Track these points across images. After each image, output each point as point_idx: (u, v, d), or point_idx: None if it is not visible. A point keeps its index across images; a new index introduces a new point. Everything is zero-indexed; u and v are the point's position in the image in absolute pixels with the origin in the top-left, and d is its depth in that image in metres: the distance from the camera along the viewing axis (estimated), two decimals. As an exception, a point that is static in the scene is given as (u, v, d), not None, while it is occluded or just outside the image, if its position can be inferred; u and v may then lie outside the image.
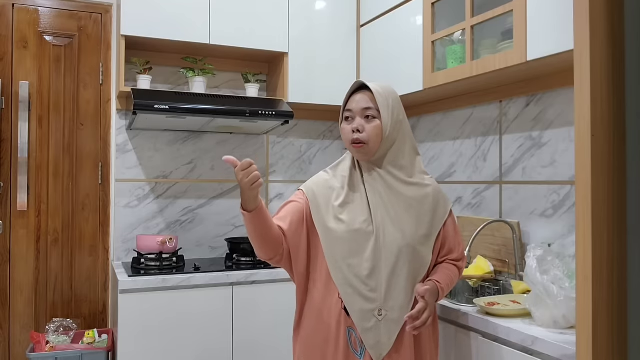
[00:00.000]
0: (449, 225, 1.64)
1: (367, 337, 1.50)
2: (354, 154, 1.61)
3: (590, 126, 1.13)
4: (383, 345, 1.51)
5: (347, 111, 1.60)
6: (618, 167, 1.17)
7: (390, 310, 1.51)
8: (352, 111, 1.58)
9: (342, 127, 1.61)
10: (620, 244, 1.18)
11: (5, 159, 2.62)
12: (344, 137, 1.61)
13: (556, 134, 2.06)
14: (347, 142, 1.59)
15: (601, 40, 1.14)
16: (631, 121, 1.18)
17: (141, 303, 2.29)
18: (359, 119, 1.56)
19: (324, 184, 1.61)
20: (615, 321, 1.16)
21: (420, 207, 1.57)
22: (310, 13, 2.85)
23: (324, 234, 1.54)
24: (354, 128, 1.55)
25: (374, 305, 1.51)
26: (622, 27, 1.18)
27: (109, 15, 2.81)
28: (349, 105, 1.60)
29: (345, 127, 1.59)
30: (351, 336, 1.52)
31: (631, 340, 1.18)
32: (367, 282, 1.50)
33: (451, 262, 1.65)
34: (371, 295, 1.50)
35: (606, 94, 1.15)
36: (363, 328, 1.50)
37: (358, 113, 1.57)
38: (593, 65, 1.14)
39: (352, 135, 1.56)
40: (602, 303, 1.14)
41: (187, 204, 2.91)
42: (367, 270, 1.50)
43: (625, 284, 1.18)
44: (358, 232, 1.52)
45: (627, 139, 1.19)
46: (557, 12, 1.71)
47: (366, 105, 1.56)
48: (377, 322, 1.51)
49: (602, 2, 1.14)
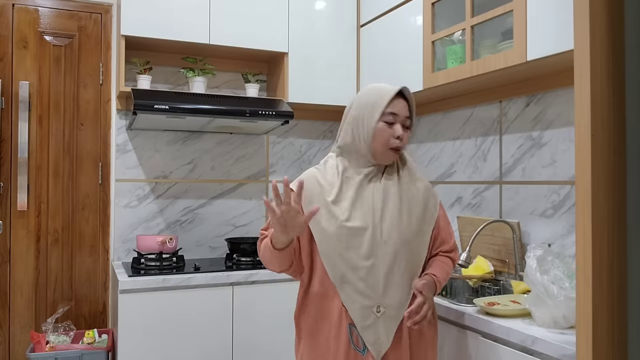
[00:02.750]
0: (440, 217, 1.67)
1: (367, 334, 1.51)
2: (384, 158, 1.57)
3: (590, 126, 1.13)
4: (382, 342, 1.51)
5: (391, 115, 1.55)
6: (618, 167, 1.17)
7: (388, 306, 1.52)
8: (397, 115, 1.56)
9: (380, 128, 1.55)
10: (620, 244, 1.18)
11: (5, 159, 2.62)
12: (381, 139, 1.55)
13: (556, 134, 2.06)
14: (384, 145, 1.55)
15: (601, 40, 1.14)
16: (631, 121, 1.19)
17: (141, 303, 2.29)
18: (399, 126, 1.56)
19: (314, 180, 1.58)
20: (615, 321, 1.16)
21: (415, 203, 1.59)
22: (310, 13, 2.85)
23: (318, 233, 1.53)
24: (400, 135, 1.55)
25: (372, 302, 1.51)
26: (622, 27, 1.18)
27: (109, 15, 2.81)
28: (394, 109, 1.56)
29: (387, 129, 1.55)
30: (353, 333, 1.52)
31: (631, 340, 1.18)
32: (365, 279, 1.50)
33: (444, 254, 1.68)
34: (369, 293, 1.51)
35: (606, 94, 1.15)
36: (362, 325, 1.51)
37: (401, 120, 1.57)
38: (593, 65, 1.14)
39: (394, 140, 1.55)
40: (602, 303, 1.14)
41: (187, 204, 2.91)
42: (364, 268, 1.51)
43: (625, 284, 1.18)
44: (352, 229, 1.51)
45: (627, 139, 1.19)
46: (557, 12, 1.71)
47: (407, 114, 1.58)
48: (376, 318, 1.51)
49: (602, 2, 1.14)
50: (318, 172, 1.61)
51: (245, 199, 3.03)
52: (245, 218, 3.03)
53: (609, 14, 1.15)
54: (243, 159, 3.04)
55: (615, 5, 1.16)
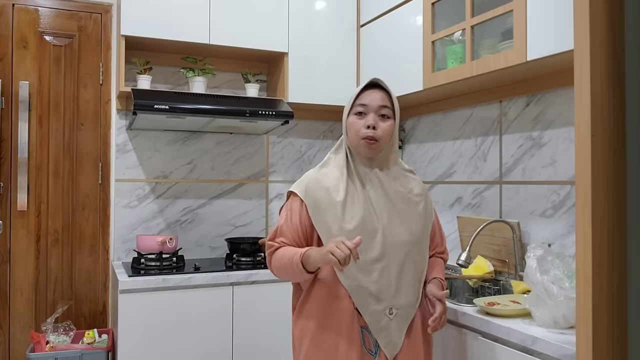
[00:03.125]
0: (435, 218, 1.69)
1: (381, 336, 1.50)
2: (361, 150, 1.55)
3: (590, 126, 1.13)
4: (395, 342, 1.51)
5: (360, 106, 1.53)
6: (618, 167, 1.17)
7: (401, 307, 1.52)
8: (366, 106, 1.53)
9: (350, 122, 1.54)
10: (620, 244, 1.18)
11: (5, 159, 2.62)
12: (352, 132, 1.54)
13: (556, 134, 2.06)
14: (357, 137, 1.53)
15: (601, 40, 1.14)
16: (631, 121, 1.19)
17: (141, 303, 2.29)
18: (373, 115, 1.52)
19: (317, 184, 1.55)
20: (615, 321, 1.16)
21: (416, 203, 1.60)
22: (310, 13, 2.85)
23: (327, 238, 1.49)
24: (370, 124, 1.51)
25: (384, 304, 1.50)
26: (622, 27, 1.18)
27: (109, 15, 2.81)
28: (363, 100, 1.54)
29: (357, 121, 1.53)
30: (365, 336, 1.51)
31: (631, 340, 1.18)
32: (378, 281, 1.50)
33: (439, 256, 1.71)
34: (382, 295, 1.50)
35: (606, 94, 1.15)
36: (376, 328, 1.50)
37: (373, 109, 1.53)
38: (593, 65, 1.14)
39: (365, 130, 1.51)
40: (602, 303, 1.14)
41: (187, 204, 2.91)
42: (377, 271, 1.49)
43: (625, 284, 1.18)
44: (362, 232, 1.49)
45: (627, 139, 1.19)
46: (557, 12, 1.71)
47: (383, 103, 1.54)
48: (389, 320, 1.50)
49: (602, 2, 1.14)
50: (319, 174, 1.59)
51: (245, 199, 3.03)
52: (245, 218, 3.03)
53: (609, 14, 1.15)
54: (243, 159, 3.04)
55: (615, 5, 1.16)
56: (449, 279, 2.24)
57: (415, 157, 2.88)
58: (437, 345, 1.87)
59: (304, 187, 1.56)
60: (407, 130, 2.97)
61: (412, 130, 2.93)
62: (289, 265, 1.48)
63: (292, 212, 1.56)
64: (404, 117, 2.95)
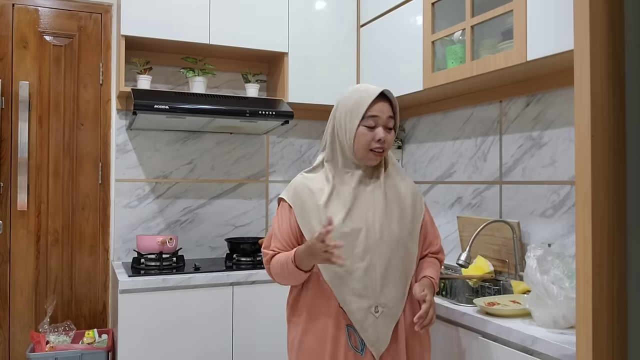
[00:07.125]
0: (426, 218, 1.69)
1: (367, 334, 1.51)
2: (366, 160, 1.58)
3: (590, 126, 1.13)
4: (382, 341, 1.52)
5: (371, 118, 1.54)
6: (618, 167, 1.17)
7: (386, 305, 1.53)
8: (377, 118, 1.55)
9: (361, 132, 1.55)
10: (620, 244, 1.18)
11: (5, 159, 2.62)
12: (360, 143, 1.55)
13: (556, 134, 2.06)
14: (365, 148, 1.55)
15: (601, 40, 1.14)
16: (631, 121, 1.19)
17: (141, 303, 2.29)
18: (381, 129, 1.55)
19: (303, 187, 1.60)
20: (615, 321, 1.16)
21: (404, 202, 1.61)
22: (310, 13, 2.85)
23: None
24: (382, 138, 1.54)
25: (370, 302, 1.51)
26: (622, 27, 1.18)
27: (109, 15, 2.81)
28: (374, 111, 1.55)
29: (367, 133, 1.55)
30: (351, 334, 1.52)
31: (631, 340, 1.18)
32: (362, 280, 1.51)
33: (433, 256, 1.71)
34: (367, 293, 1.51)
35: (606, 94, 1.15)
36: (362, 326, 1.51)
37: (383, 122, 1.56)
38: (593, 65, 1.14)
39: (376, 144, 1.55)
40: (602, 303, 1.14)
41: (187, 204, 2.91)
42: (361, 269, 1.51)
43: (625, 284, 1.18)
44: (344, 234, 1.51)
45: (627, 139, 1.19)
46: (557, 12, 1.71)
47: (390, 114, 1.58)
48: (375, 319, 1.51)
49: (602, 2, 1.14)
50: (306, 179, 1.63)
51: (245, 199, 3.03)
52: (245, 218, 3.03)
53: (609, 14, 1.15)
54: (243, 159, 3.04)
55: (615, 5, 1.16)
56: (449, 279, 2.25)
57: (415, 157, 2.88)
58: (437, 346, 1.87)
59: (292, 192, 1.62)
60: (407, 130, 2.97)
61: (412, 130, 2.93)
62: (286, 270, 1.53)
63: (282, 218, 1.61)
64: (404, 117, 2.95)
